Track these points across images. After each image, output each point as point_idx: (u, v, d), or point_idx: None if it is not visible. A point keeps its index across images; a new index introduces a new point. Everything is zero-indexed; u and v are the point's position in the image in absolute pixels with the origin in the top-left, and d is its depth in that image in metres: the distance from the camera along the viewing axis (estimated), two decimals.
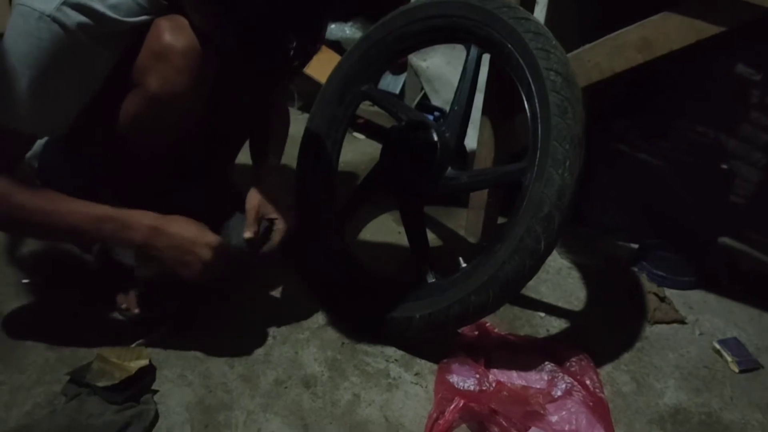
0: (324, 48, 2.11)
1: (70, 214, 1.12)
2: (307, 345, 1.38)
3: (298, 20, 1.07)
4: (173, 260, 1.19)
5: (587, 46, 1.39)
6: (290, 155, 1.54)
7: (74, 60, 1.08)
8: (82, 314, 1.36)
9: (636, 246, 1.79)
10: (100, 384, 1.19)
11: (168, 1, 1.16)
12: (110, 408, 1.17)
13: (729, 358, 1.46)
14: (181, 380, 1.26)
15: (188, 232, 1.17)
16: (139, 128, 1.18)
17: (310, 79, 2.09)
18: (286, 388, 1.28)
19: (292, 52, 1.10)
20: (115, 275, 1.37)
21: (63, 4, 1.04)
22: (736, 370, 1.44)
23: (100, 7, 1.07)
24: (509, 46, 1.32)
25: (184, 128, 1.22)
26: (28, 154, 1.22)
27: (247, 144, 1.47)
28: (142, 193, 1.23)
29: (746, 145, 1.95)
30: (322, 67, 1.94)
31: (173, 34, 1.12)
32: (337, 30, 2.20)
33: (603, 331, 1.51)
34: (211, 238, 1.19)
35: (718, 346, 1.49)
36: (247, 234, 1.28)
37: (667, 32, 1.28)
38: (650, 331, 1.53)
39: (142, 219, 1.16)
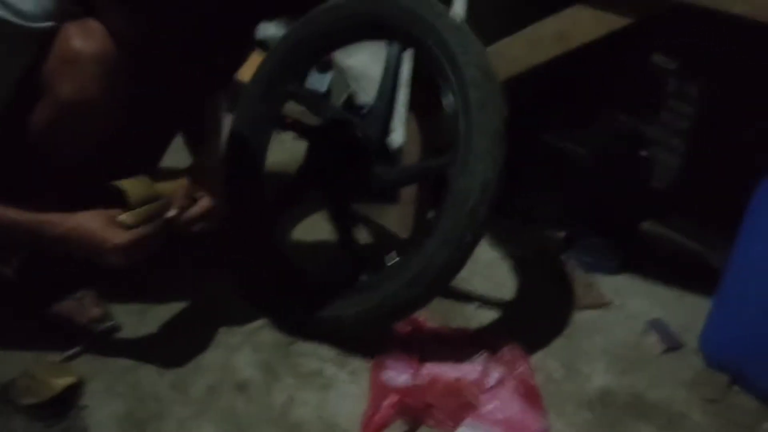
0: None
1: None
2: (239, 349, 1.36)
3: (229, 28, 1.07)
4: (89, 255, 1.17)
5: (505, 40, 1.41)
6: None
7: None
8: (3, 329, 1.31)
9: (563, 234, 1.82)
10: (26, 402, 1.16)
11: (80, 6, 1.12)
12: (37, 425, 1.14)
13: (654, 339, 1.51)
14: (110, 392, 1.23)
15: (93, 232, 1.14)
16: (53, 137, 1.15)
17: (235, 80, 2.06)
18: (218, 394, 1.26)
19: (222, 59, 1.10)
20: (41, 286, 1.33)
21: None
22: (661, 350, 1.49)
23: (3, 13, 1.04)
24: (428, 42, 1.33)
25: (101, 134, 1.19)
26: None
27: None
28: (56, 199, 1.20)
29: (665, 132, 2.02)
30: (246, 67, 1.91)
31: (83, 38, 1.09)
32: (262, 29, 2.17)
33: (533, 320, 1.54)
34: (115, 235, 1.15)
35: (643, 328, 1.54)
36: (171, 212, 1.25)
37: (580, 25, 1.31)
38: (579, 316, 1.57)
39: (51, 226, 1.13)
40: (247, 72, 1.67)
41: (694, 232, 1.78)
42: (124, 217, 1.16)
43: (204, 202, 1.29)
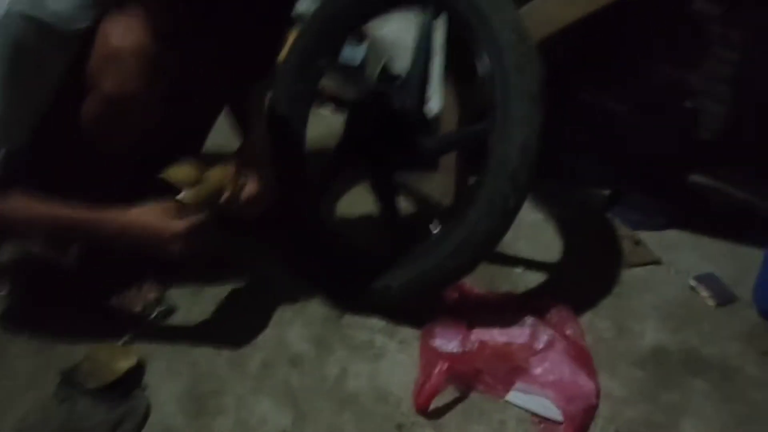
0: None
1: (40, 219, 1.14)
2: (291, 324, 1.39)
3: (266, 14, 1.07)
4: (149, 251, 1.20)
5: None
6: None
7: (25, 68, 1.07)
8: (66, 317, 1.36)
9: (608, 192, 1.80)
10: (90, 386, 1.21)
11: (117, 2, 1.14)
12: (102, 407, 1.19)
13: (705, 294, 1.49)
14: (170, 372, 1.27)
15: (151, 223, 1.17)
16: (99, 130, 1.18)
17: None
18: (274, 369, 1.29)
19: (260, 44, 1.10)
20: (98, 274, 1.38)
21: (6, 14, 1.03)
22: (713, 305, 1.47)
23: (42, 16, 1.06)
24: (460, 6, 1.31)
25: (146, 125, 1.21)
26: None
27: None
28: (111, 192, 1.24)
29: (710, 81, 1.96)
30: None
31: (121, 34, 1.11)
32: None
33: (581, 280, 1.53)
34: (174, 223, 1.18)
35: (693, 283, 1.52)
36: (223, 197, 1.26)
37: None
38: (627, 275, 1.56)
39: (109, 221, 1.17)
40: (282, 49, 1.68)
41: (745, 182, 1.74)
42: (183, 196, 1.19)
43: (252, 187, 1.30)
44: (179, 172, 1.21)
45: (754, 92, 1.87)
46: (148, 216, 1.18)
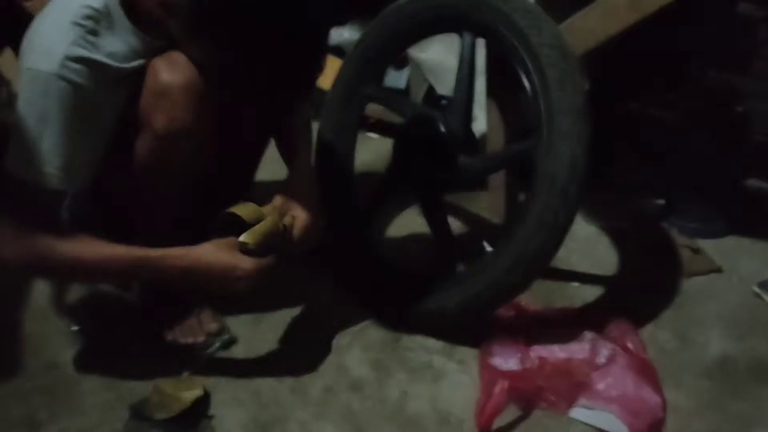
0: None
1: (107, 261, 1.16)
2: (350, 349, 1.41)
3: (297, 54, 1.11)
4: (215, 289, 1.23)
5: (578, 13, 1.39)
6: None
7: (85, 110, 1.12)
8: (132, 351, 1.40)
9: (663, 201, 1.78)
10: (159, 417, 1.24)
11: (165, 41, 1.19)
12: None
13: None
14: (234, 401, 1.30)
15: (220, 262, 1.18)
16: (152, 168, 1.22)
17: (316, 88, 2.12)
18: (335, 394, 1.31)
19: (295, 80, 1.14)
20: (161, 308, 1.43)
21: (65, 59, 1.08)
22: None
23: (99, 57, 1.12)
24: (500, 27, 1.33)
25: (198, 161, 1.26)
26: None
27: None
28: (169, 230, 1.28)
29: (761, 82, 1.93)
30: (325, 74, 1.96)
31: (170, 71, 1.16)
32: (335, 35, 2.21)
33: (639, 292, 1.51)
34: (243, 261, 1.19)
35: (757, 289, 1.48)
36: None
37: None
38: (687, 284, 1.53)
39: (174, 260, 1.18)
40: (327, 79, 1.71)
41: None
42: (245, 237, 1.19)
43: (303, 219, 1.29)
44: (242, 209, 1.22)
45: None
46: (215, 254, 1.18)
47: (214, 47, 1.11)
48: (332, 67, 1.75)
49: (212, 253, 1.19)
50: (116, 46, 1.15)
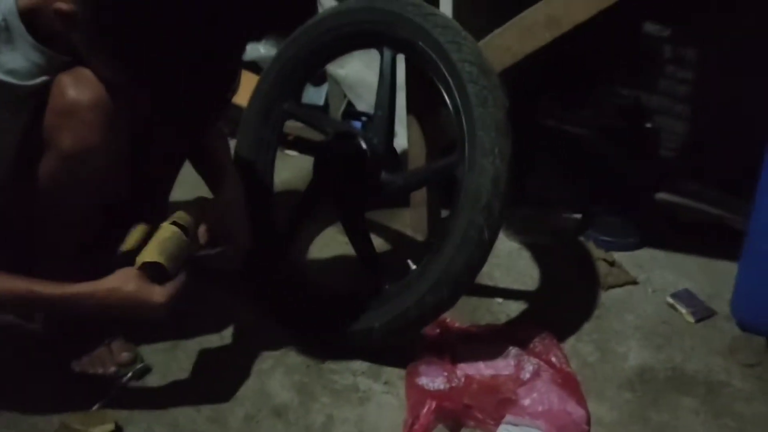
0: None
1: (15, 296, 1.10)
2: (272, 373, 1.36)
3: (212, 67, 1.06)
4: (130, 320, 1.18)
5: (496, 31, 1.40)
6: None
7: None
8: (36, 384, 1.31)
9: (580, 215, 1.81)
10: None
11: (70, 56, 1.12)
12: None
13: (684, 310, 1.50)
14: None
15: (131, 295, 1.12)
16: (60, 190, 1.14)
17: (232, 105, 2.06)
18: (257, 422, 1.26)
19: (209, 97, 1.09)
20: (68, 337, 1.34)
21: None
22: (693, 321, 1.48)
23: None
24: (420, 43, 1.32)
25: (106, 181, 1.18)
26: None
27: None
28: (74, 255, 1.20)
29: (667, 100, 2.01)
30: (241, 90, 1.91)
31: (77, 88, 1.09)
32: (251, 50, 2.17)
33: (561, 306, 1.53)
34: (153, 292, 1.14)
35: (671, 301, 1.53)
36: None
37: (570, 7, 1.30)
38: (605, 297, 1.56)
39: (89, 296, 1.12)
40: (243, 96, 1.67)
41: (712, 197, 1.76)
42: (141, 258, 1.15)
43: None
44: (132, 237, 1.21)
45: (710, 108, 1.91)
46: (127, 285, 1.13)
47: (116, 63, 1.04)
48: (249, 83, 1.70)
49: (122, 284, 1.13)
50: (17, 62, 1.07)
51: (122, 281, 1.13)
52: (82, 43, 1.06)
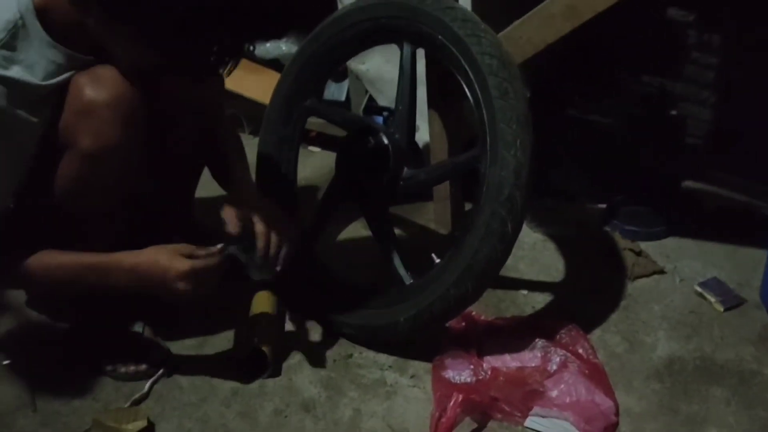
0: (263, 68, 2.11)
1: (58, 268, 1.16)
2: (299, 369, 1.37)
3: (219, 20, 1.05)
4: (158, 292, 1.18)
5: (516, 23, 1.39)
6: None
7: (3, 133, 1.06)
8: (69, 383, 1.34)
9: (604, 205, 1.80)
10: None
11: (87, 53, 1.13)
12: None
13: (712, 299, 1.48)
14: (180, 430, 1.25)
15: (157, 263, 1.15)
16: (79, 191, 1.16)
17: (255, 103, 2.08)
18: (286, 416, 1.27)
19: (215, 57, 1.09)
20: (99, 335, 1.36)
21: None
22: (722, 309, 1.46)
23: (15, 74, 1.05)
24: (440, 37, 1.32)
25: (127, 179, 1.20)
26: None
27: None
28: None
29: (693, 86, 1.97)
30: (263, 88, 1.92)
31: (94, 87, 1.10)
32: (273, 48, 2.18)
33: (587, 297, 1.52)
34: (177, 262, 1.15)
35: (699, 289, 1.51)
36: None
37: None
38: (632, 287, 1.55)
39: (120, 262, 1.16)
40: (266, 93, 1.68)
41: (738, 184, 1.74)
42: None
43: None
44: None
45: (735, 94, 1.88)
46: (155, 255, 1.16)
47: (131, 34, 1.03)
48: (270, 81, 1.71)
49: (152, 254, 1.16)
50: (35, 60, 1.08)
51: (153, 251, 1.16)
52: (98, 27, 1.05)
